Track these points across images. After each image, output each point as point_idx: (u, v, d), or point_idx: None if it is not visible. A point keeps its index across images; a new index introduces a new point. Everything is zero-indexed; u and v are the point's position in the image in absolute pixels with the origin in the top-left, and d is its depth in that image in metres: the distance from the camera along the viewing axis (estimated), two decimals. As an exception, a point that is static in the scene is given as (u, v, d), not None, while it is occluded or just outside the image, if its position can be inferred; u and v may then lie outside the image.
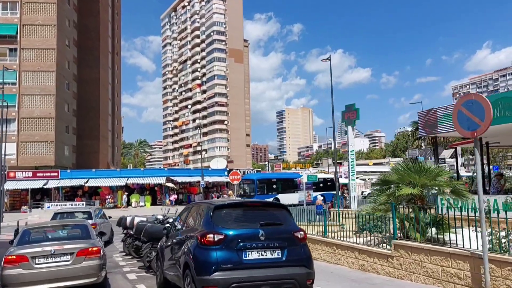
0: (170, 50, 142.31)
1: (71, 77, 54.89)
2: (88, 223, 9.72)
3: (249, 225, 6.03)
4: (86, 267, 7.76)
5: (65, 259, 7.67)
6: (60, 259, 7.64)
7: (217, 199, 45.20)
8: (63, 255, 7.69)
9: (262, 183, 38.21)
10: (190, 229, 6.80)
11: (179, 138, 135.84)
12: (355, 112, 20.12)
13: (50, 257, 7.58)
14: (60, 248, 7.71)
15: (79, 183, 40.61)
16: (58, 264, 7.60)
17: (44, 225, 9.67)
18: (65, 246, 7.84)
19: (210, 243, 5.73)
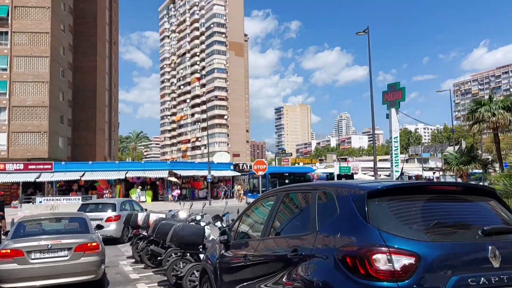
0: (168, 43, 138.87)
1: (66, 65, 51.67)
2: (86, 216, 8.93)
3: (459, 233, 2.98)
4: (84, 263, 7.34)
5: (63, 254, 7.28)
6: (57, 254, 7.25)
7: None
8: (61, 250, 7.29)
9: (274, 177, 35.27)
10: (294, 237, 3.63)
11: (177, 133, 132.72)
12: (400, 92, 17.19)
13: (46, 252, 7.20)
14: (57, 243, 7.30)
15: (75, 177, 37.54)
16: (55, 259, 7.20)
17: (40, 217, 9.22)
18: (63, 240, 7.43)
19: (384, 275, 2.65)
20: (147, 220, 9.15)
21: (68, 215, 9.84)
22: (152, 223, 8.87)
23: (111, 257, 11.67)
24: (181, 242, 7.19)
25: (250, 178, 36.80)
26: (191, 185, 42.27)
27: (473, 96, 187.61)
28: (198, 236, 6.82)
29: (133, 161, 56.50)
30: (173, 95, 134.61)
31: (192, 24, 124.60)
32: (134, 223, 10.10)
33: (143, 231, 9.93)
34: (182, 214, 9.66)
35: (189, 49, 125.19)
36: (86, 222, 8.44)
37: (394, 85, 17.66)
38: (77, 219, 8.68)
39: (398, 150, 15.62)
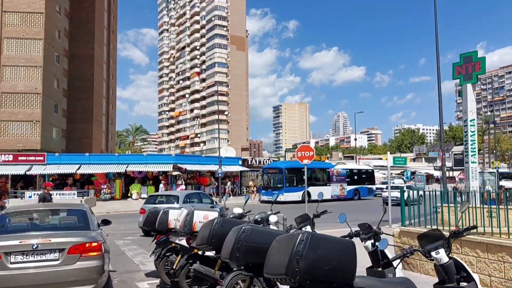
0: (167, 37, 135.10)
1: (62, 51, 47.98)
2: (87, 208, 7.12)
3: None
4: (81, 269, 5.53)
5: (53, 257, 5.51)
6: (45, 257, 5.47)
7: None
8: (50, 251, 5.51)
9: (291, 173, 31.92)
10: None
11: (176, 129, 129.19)
12: (478, 63, 13.78)
13: (31, 254, 5.44)
14: (46, 242, 5.49)
15: (70, 170, 33.97)
16: (42, 264, 5.41)
17: (30, 209, 7.68)
18: (53, 239, 5.60)
19: None
20: (190, 221, 5.67)
21: (64, 206, 7.92)
22: (198, 226, 5.61)
23: (122, 273, 8.25)
24: (253, 261, 3.86)
25: (264, 174, 33.41)
26: (196, 180, 38.82)
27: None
28: None
29: (134, 154, 52.82)
30: (171, 90, 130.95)
31: (192, 17, 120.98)
32: (163, 225, 6.73)
33: (176, 238, 6.55)
34: (236, 210, 6.33)
35: (189, 43, 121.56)
36: (87, 215, 6.65)
37: (470, 56, 14.13)
38: (76, 212, 6.93)
39: (475, 137, 12.18)
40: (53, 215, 7.14)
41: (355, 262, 2.84)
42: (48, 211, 7.36)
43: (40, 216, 7.12)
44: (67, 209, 7.39)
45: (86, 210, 6.92)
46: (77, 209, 7.09)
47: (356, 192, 35.59)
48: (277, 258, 2.92)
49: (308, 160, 12.94)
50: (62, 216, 7.02)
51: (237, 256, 3.69)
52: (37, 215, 7.13)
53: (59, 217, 6.96)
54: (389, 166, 15.51)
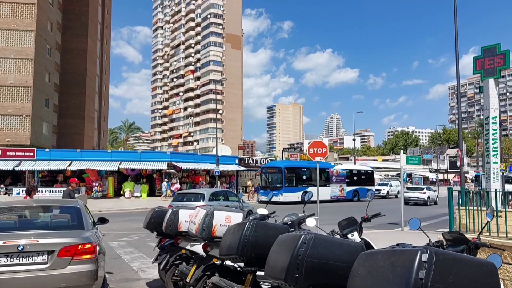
0: (161, 34, 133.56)
1: (54, 44, 46.63)
2: (81, 205, 6.26)
3: None
4: (72, 274, 4.90)
5: (40, 260, 4.86)
6: (32, 260, 4.83)
7: None
8: (38, 254, 4.86)
9: (291, 172, 30.96)
10: None
11: (169, 127, 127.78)
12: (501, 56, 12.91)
13: (16, 256, 4.80)
14: (33, 243, 4.84)
15: (60, 166, 32.71)
16: (28, 268, 4.78)
17: (17, 205, 6.79)
18: (42, 240, 4.92)
19: None
20: (209, 223, 4.63)
21: (56, 203, 7.08)
22: (218, 230, 4.55)
23: (119, 281, 7.21)
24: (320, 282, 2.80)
25: (262, 173, 32.41)
26: (191, 179, 37.72)
27: (468, 100, 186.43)
28: None
29: (128, 151, 51.50)
30: (165, 88, 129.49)
31: (187, 14, 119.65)
32: (172, 228, 5.62)
33: (187, 243, 5.52)
34: (260, 211, 5.33)
35: (183, 41, 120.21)
36: (81, 214, 5.95)
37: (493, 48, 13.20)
38: (69, 209, 6.19)
39: (497, 135, 11.32)
40: (44, 213, 6.45)
41: None
42: (38, 208, 6.66)
43: (29, 213, 6.42)
44: (59, 205, 6.56)
45: (81, 207, 6.15)
46: (71, 206, 6.29)
47: (355, 193, 34.77)
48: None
49: (321, 158, 11.97)
50: (54, 213, 6.25)
51: (296, 277, 2.68)
52: (25, 212, 6.40)
53: (50, 215, 6.22)
54: (403, 166, 14.59)
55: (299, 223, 4.88)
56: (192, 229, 5.16)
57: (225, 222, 4.75)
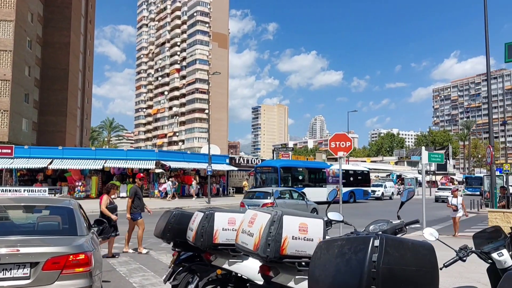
0: (146, 32, 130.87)
1: (35, 37, 44.32)
2: (74, 205, 5.18)
3: None
4: None
5: (21, 274, 3.84)
6: (11, 274, 3.82)
7: None
8: (18, 266, 3.84)
9: (287, 172, 29.50)
10: None
11: (153, 127, 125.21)
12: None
13: None
14: (12, 253, 3.84)
15: (40, 164, 30.62)
16: (6, 284, 3.76)
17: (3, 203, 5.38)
18: (23, 249, 3.91)
19: None
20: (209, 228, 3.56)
21: (44, 202, 5.87)
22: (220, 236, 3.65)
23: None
24: None
25: (256, 173, 30.87)
26: (181, 179, 35.96)
27: (452, 102, 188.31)
28: None
29: (113, 149, 49.37)
30: (149, 87, 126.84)
31: (173, 12, 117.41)
32: (205, 239, 3.92)
33: (225, 261, 3.96)
34: (333, 215, 3.88)
35: (169, 39, 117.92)
36: (74, 215, 4.87)
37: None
38: (59, 210, 5.06)
39: None
40: (30, 215, 5.28)
41: None
42: (22, 208, 5.41)
43: (12, 215, 5.18)
44: (48, 205, 5.39)
45: (73, 207, 5.09)
46: (62, 207, 5.19)
47: (351, 194, 33.51)
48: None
49: (344, 152, 10.57)
50: (41, 215, 5.13)
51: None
52: (7, 214, 5.12)
53: (37, 217, 5.03)
54: (423, 164, 13.28)
55: (394, 233, 3.42)
56: (190, 237, 4.10)
57: (229, 225, 3.89)
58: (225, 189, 39.96)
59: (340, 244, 2.29)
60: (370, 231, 3.49)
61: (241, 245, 3.17)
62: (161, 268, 8.01)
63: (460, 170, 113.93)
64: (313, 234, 2.98)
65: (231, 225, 3.91)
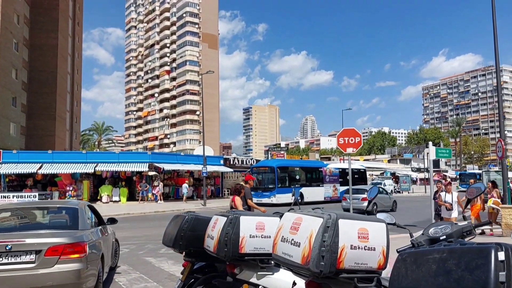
0: (135, 34, 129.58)
1: (21, 39, 43.29)
2: (80, 205, 6.36)
3: None
4: (59, 273, 5.03)
5: (28, 259, 5.01)
6: (20, 259, 5.00)
7: None
8: (25, 253, 5.02)
9: (284, 172, 28.93)
10: None
11: (144, 130, 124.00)
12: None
13: (5, 255, 4.97)
14: (20, 243, 5.01)
15: (30, 169, 29.68)
16: (16, 266, 4.94)
17: (17, 206, 7.05)
18: (29, 240, 5.09)
19: None
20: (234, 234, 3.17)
21: (55, 204, 7.66)
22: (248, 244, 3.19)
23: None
24: None
25: (252, 173, 30.22)
26: (174, 181, 35.22)
27: (441, 100, 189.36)
28: None
29: (105, 152, 48.42)
30: (139, 89, 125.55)
31: (162, 13, 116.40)
32: (230, 248, 3.26)
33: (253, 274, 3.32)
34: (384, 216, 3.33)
35: (158, 40, 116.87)
36: (78, 214, 6.00)
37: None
38: (67, 210, 6.35)
39: None
40: (43, 214, 6.68)
41: None
42: (37, 209, 6.92)
43: (28, 214, 6.61)
44: (59, 206, 6.85)
45: (79, 207, 6.22)
46: (69, 207, 6.46)
47: (349, 193, 33.05)
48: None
49: (353, 149, 10.03)
50: (53, 214, 6.53)
51: None
52: (24, 213, 6.59)
53: (49, 216, 6.52)
54: (431, 160, 12.81)
55: (460, 236, 2.86)
56: (210, 246, 3.52)
57: (257, 231, 3.34)
58: (219, 190, 39.29)
59: (440, 257, 1.71)
60: (430, 235, 2.92)
61: (282, 257, 2.56)
62: (164, 278, 7.38)
63: (452, 167, 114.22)
64: (375, 242, 2.40)
65: (260, 231, 3.30)
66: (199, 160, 35.42)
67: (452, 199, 11.49)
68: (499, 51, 12.83)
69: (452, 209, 11.39)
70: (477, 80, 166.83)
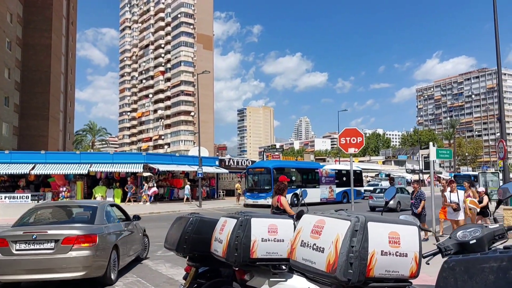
0: (129, 34, 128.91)
1: (14, 38, 42.80)
2: (99, 204, 7.64)
3: None
4: (71, 258, 6.27)
5: (48, 246, 6.30)
6: (42, 246, 6.29)
7: None
8: (46, 241, 6.31)
9: (280, 173, 28.71)
10: None
11: (138, 130, 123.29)
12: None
13: (32, 243, 6.29)
14: (43, 233, 6.34)
15: (22, 170, 29.24)
16: (39, 252, 6.26)
17: (54, 204, 8.89)
18: (50, 231, 6.43)
19: None
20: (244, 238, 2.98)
21: (80, 203, 9.55)
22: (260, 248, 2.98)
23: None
24: None
25: (248, 174, 30.00)
26: (169, 182, 34.89)
27: (435, 102, 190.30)
28: None
29: (99, 152, 47.95)
30: (133, 90, 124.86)
31: (156, 14, 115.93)
32: (240, 252, 2.99)
33: (264, 281, 3.07)
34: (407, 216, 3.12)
35: (153, 41, 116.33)
36: (96, 211, 7.24)
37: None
38: (88, 208, 7.55)
39: None
40: (72, 211, 7.81)
41: None
42: (68, 207, 8.22)
43: (60, 211, 7.94)
44: (85, 205, 8.02)
45: (98, 206, 7.42)
46: (89, 206, 7.65)
47: (345, 194, 32.92)
48: None
49: (355, 149, 9.83)
50: (78, 211, 7.68)
51: None
52: (57, 210, 7.99)
53: (75, 213, 7.67)
54: (433, 160, 12.64)
55: (491, 240, 2.64)
56: (218, 250, 3.26)
57: (269, 234, 3.11)
58: (214, 192, 38.99)
59: (499, 266, 1.49)
60: (459, 239, 2.70)
61: (302, 263, 2.32)
62: (162, 282, 7.12)
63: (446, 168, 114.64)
64: (407, 247, 2.17)
65: (272, 234, 3.06)
66: (194, 161, 35.16)
67: (458, 199, 10.61)
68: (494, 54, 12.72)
69: (459, 209, 10.60)
70: (471, 82, 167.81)
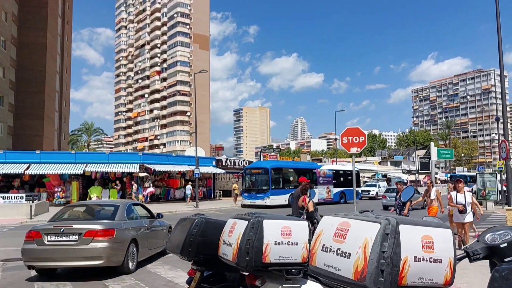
0: (125, 34, 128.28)
1: (9, 37, 42.38)
2: (121, 203, 8.87)
3: None
4: (91, 249, 7.29)
5: (73, 238, 7.38)
6: (68, 238, 7.38)
7: None
8: (72, 234, 7.41)
9: (278, 173, 28.53)
10: None
11: (133, 130, 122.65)
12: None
13: (60, 235, 7.40)
14: (69, 227, 7.50)
15: (17, 170, 28.90)
16: (65, 243, 7.36)
17: (83, 203, 10.79)
18: (74, 225, 7.59)
19: None
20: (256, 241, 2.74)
21: (105, 202, 11.32)
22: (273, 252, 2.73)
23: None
24: None
25: (246, 175, 29.79)
26: (166, 182, 34.61)
27: (431, 103, 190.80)
28: None
29: (94, 152, 47.59)
30: (129, 89, 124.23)
31: (152, 13, 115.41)
32: (252, 256, 2.77)
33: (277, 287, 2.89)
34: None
35: (148, 41, 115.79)
36: (117, 209, 8.36)
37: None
38: (112, 206, 8.67)
39: None
40: (98, 209, 8.94)
41: None
42: (95, 206, 9.31)
43: (88, 209, 8.95)
44: (109, 204, 9.38)
45: (120, 205, 8.56)
46: (112, 204, 8.84)
47: (342, 195, 32.79)
48: None
49: (357, 148, 9.65)
50: (103, 209, 8.78)
51: None
52: (86, 208, 9.05)
53: (101, 210, 8.78)
54: (433, 160, 12.48)
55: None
56: (227, 254, 3.04)
57: (282, 237, 2.89)
58: (211, 192, 38.75)
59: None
60: (488, 243, 2.51)
61: (325, 269, 2.12)
62: (161, 285, 6.91)
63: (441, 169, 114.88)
64: (442, 253, 1.98)
65: (286, 237, 2.85)
66: (191, 161, 34.91)
67: (465, 200, 10.10)
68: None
69: (466, 211, 10.07)
70: (466, 84, 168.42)
